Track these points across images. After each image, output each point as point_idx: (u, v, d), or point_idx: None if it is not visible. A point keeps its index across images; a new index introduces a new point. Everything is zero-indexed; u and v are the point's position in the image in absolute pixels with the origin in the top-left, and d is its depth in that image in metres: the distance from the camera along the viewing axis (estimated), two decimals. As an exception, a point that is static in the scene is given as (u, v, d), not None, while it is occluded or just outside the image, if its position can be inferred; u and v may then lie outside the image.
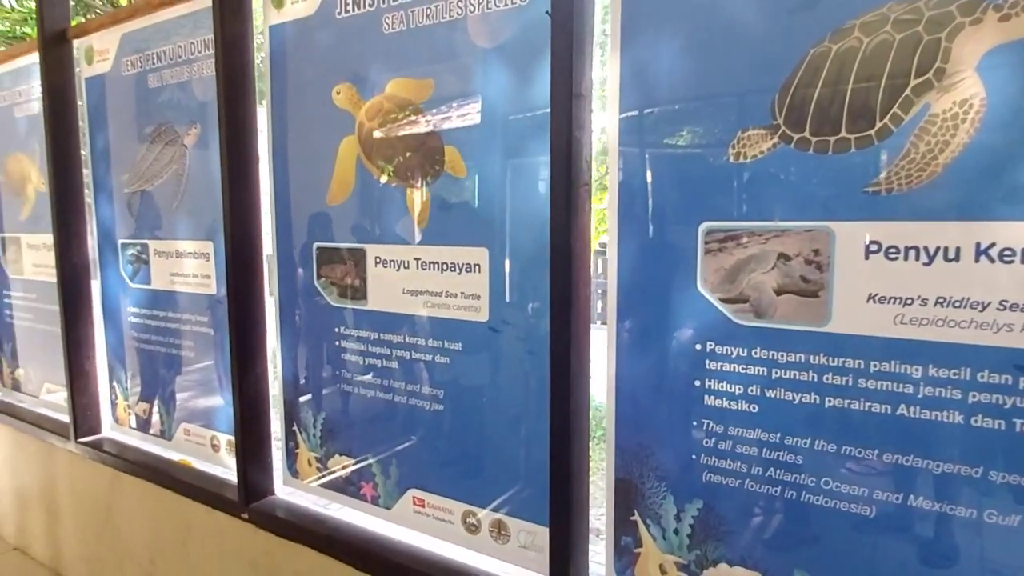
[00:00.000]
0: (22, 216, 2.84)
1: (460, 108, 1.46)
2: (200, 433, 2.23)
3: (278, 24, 1.78)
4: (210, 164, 2.00)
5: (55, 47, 2.40)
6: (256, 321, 1.95)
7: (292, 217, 1.82)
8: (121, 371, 2.48)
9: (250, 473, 1.97)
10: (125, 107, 2.29)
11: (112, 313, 2.47)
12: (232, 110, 1.83)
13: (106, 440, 2.56)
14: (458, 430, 1.58)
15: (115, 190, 2.36)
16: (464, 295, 1.50)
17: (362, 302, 1.69)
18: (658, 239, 1.23)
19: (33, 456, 2.84)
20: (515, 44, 1.37)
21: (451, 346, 1.55)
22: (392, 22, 1.54)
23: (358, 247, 1.67)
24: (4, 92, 2.83)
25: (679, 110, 1.20)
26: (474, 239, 1.47)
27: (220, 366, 2.14)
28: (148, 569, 2.35)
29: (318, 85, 1.70)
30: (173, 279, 2.22)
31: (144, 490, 2.32)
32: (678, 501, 1.26)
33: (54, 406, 2.83)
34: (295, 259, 1.82)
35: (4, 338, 3.11)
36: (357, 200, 1.67)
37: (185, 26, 2.03)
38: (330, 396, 1.82)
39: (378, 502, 1.74)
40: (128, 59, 2.23)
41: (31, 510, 2.90)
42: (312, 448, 1.87)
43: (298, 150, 1.79)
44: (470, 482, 1.58)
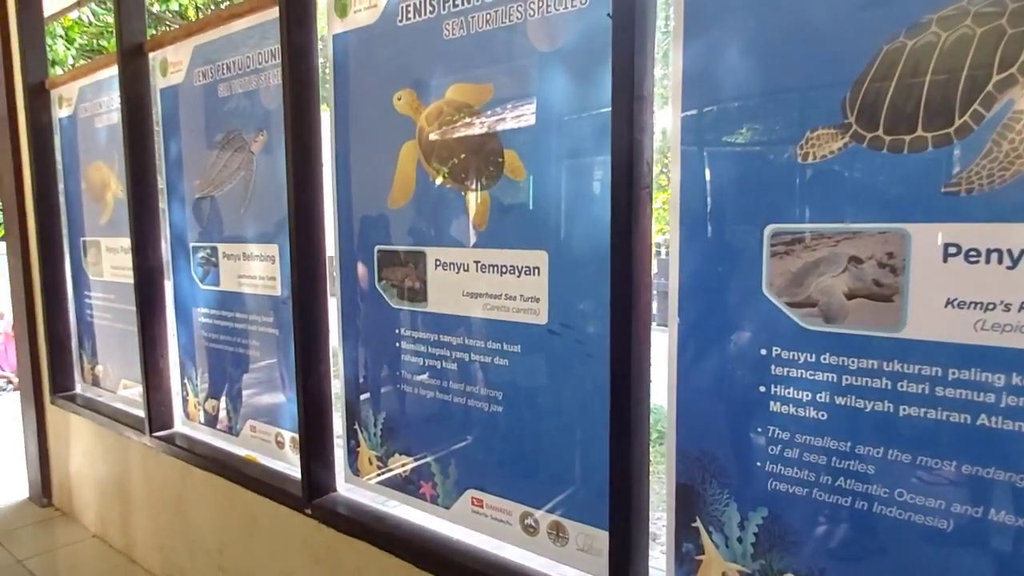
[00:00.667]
0: (102, 221, 3.00)
1: (519, 111, 1.47)
2: (265, 430, 2.30)
3: (341, 33, 1.82)
4: (276, 169, 2.07)
5: (133, 60, 2.52)
6: (319, 322, 2.00)
7: (354, 220, 1.87)
8: (192, 369, 2.59)
9: (313, 470, 2.03)
10: (196, 116, 2.38)
11: (183, 313, 2.58)
12: (297, 117, 1.89)
13: (178, 435, 2.67)
14: (516, 431, 1.58)
15: (187, 195, 2.47)
16: (523, 297, 1.51)
17: (422, 304, 1.72)
18: (721, 241, 1.21)
19: (111, 448, 2.99)
20: (575, 47, 1.37)
21: (510, 348, 1.56)
22: (452, 28, 1.56)
23: (418, 250, 1.70)
24: (86, 104, 2.99)
25: (744, 109, 1.17)
26: (533, 242, 1.48)
27: (284, 365, 2.21)
28: (217, 559, 2.44)
29: (380, 91, 1.74)
30: (240, 281, 2.30)
31: (213, 483, 2.41)
32: (742, 508, 1.23)
33: (130, 401, 2.97)
34: (357, 262, 1.86)
35: (85, 336, 3.28)
36: (417, 203, 1.70)
37: (253, 37, 2.11)
38: (390, 396, 1.85)
39: (437, 501, 1.77)
40: (200, 70, 2.32)
41: (109, 500, 3.05)
42: (373, 447, 1.91)
43: (360, 155, 1.83)
44: (528, 483, 1.58)
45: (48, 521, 3.39)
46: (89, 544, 3.13)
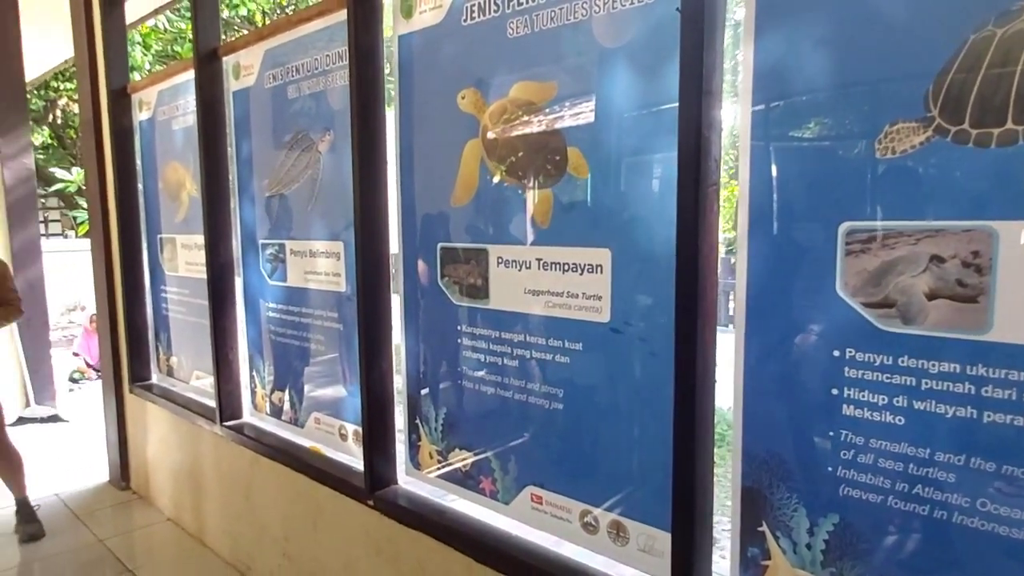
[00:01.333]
0: (177, 219, 3.14)
1: (583, 109, 1.47)
2: (329, 422, 2.37)
3: (406, 34, 1.85)
4: (342, 168, 2.12)
5: (208, 64, 2.63)
6: (382, 318, 2.05)
7: (417, 218, 1.90)
8: (259, 361, 2.68)
9: (376, 462, 2.07)
10: (266, 117, 2.47)
11: (252, 307, 2.68)
12: (363, 117, 1.93)
13: (246, 425, 2.77)
14: (577, 429, 1.58)
15: (256, 194, 2.56)
16: (585, 295, 1.51)
17: (484, 301, 1.73)
18: (792, 239, 1.18)
19: (185, 436, 3.13)
20: (641, 42, 1.36)
21: (571, 346, 1.56)
22: (516, 27, 1.57)
23: (480, 247, 1.72)
24: (164, 107, 3.13)
25: (817, 103, 1.14)
26: (596, 240, 1.47)
27: (348, 360, 2.26)
28: (283, 546, 2.52)
29: (444, 90, 1.76)
30: (307, 277, 2.37)
31: (279, 473, 2.49)
32: (811, 514, 1.20)
33: (202, 391, 3.10)
34: (420, 258, 1.89)
35: (161, 328, 3.44)
36: (480, 201, 1.71)
37: (321, 39, 2.17)
38: (451, 392, 1.88)
39: (496, 497, 1.78)
40: (270, 72, 2.40)
41: (182, 485, 3.19)
42: (433, 441, 1.94)
43: (424, 154, 1.86)
44: (588, 481, 1.58)
45: (126, 504, 3.57)
46: (164, 527, 3.28)
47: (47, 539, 3.15)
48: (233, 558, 2.85)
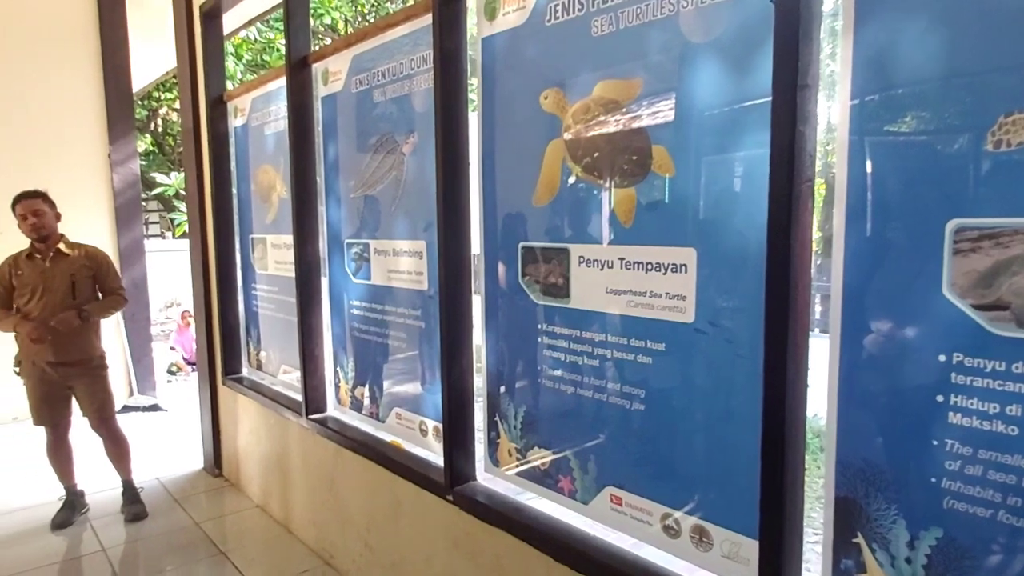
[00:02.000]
0: (268, 219, 3.29)
1: (669, 106, 1.45)
2: (410, 418, 2.42)
3: (489, 36, 1.88)
4: (425, 170, 2.17)
5: (299, 71, 2.74)
6: (464, 316, 2.08)
7: (498, 218, 1.92)
8: (343, 357, 2.78)
9: (455, 458, 2.11)
10: (353, 121, 2.55)
11: (337, 305, 2.77)
12: (447, 119, 1.97)
13: (330, 418, 2.87)
14: (659, 431, 1.56)
15: (342, 195, 2.65)
16: (669, 295, 1.49)
17: (565, 300, 1.73)
18: (893, 237, 1.12)
19: (273, 428, 3.27)
20: (731, 36, 1.33)
21: (654, 346, 1.54)
22: (601, 25, 1.56)
23: (562, 247, 1.72)
24: (257, 113, 3.29)
25: (922, 94, 1.08)
26: (681, 239, 1.45)
27: (429, 357, 2.31)
28: (364, 536, 2.60)
29: (526, 91, 1.77)
30: (390, 275, 2.43)
31: (362, 465, 2.57)
32: (911, 527, 1.14)
33: (289, 385, 3.24)
34: (501, 258, 1.91)
35: (251, 324, 3.61)
36: (562, 201, 1.71)
37: (406, 44, 2.22)
38: (531, 390, 1.89)
39: (575, 496, 1.78)
40: (357, 78, 2.48)
41: (271, 474, 3.34)
42: (512, 439, 1.96)
43: (505, 154, 1.88)
44: (670, 484, 1.55)
45: (218, 490, 3.77)
46: (253, 513, 3.44)
47: (149, 519, 3.36)
48: (317, 546, 2.96)
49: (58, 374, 3.18)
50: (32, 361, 3.16)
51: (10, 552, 3.05)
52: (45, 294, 3.12)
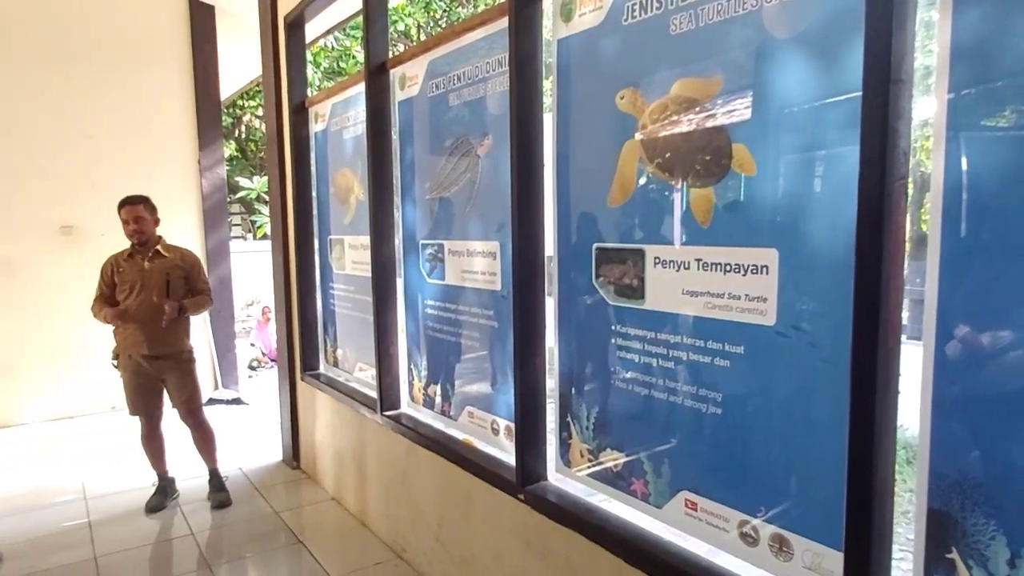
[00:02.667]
0: (345, 221, 3.39)
1: (750, 104, 1.42)
2: (482, 416, 2.45)
3: (565, 37, 1.88)
4: (499, 171, 2.20)
5: (377, 77, 2.82)
6: (536, 317, 2.09)
7: (572, 219, 1.92)
8: (417, 355, 2.84)
9: (527, 458, 2.12)
10: (429, 124, 2.61)
11: (411, 304, 2.84)
12: (522, 121, 1.99)
13: (404, 415, 2.94)
14: (736, 435, 1.53)
15: (418, 197, 2.71)
16: (749, 297, 1.45)
17: (639, 301, 1.72)
18: (994, 238, 1.06)
19: (349, 423, 3.38)
20: (817, 30, 1.29)
21: (732, 349, 1.51)
22: (680, 22, 1.55)
23: (637, 247, 1.71)
24: (336, 118, 3.40)
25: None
26: (762, 239, 1.41)
27: (501, 357, 2.33)
28: (436, 531, 2.65)
29: (602, 91, 1.77)
30: (463, 276, 2.47)
31: (434, 462, 2.62)
32: (1013, 544, 1.08)
33: (364, 382, 3.33)
34: (575, 259, 1.91)
35: (328, 323, 3.74)
36: (637, 201, 1.70)
37: (481, 48, 2.26)
38: (604, 391, 1.88)
39: (648, 499, 1.76)
40: (433, 82, 2.54)
41: (346, 468, 3.45)
42: (584, 440, 1.95)
43: (580, 155, 1.88)
44: (748, 490, 1.52)
45: (296, 482, 3.92)
46: (328, 505, 3.56)
47: (233, 507, 3.53)
48: (390, 539, 3.03)
49: (151, 367, 3.38)
50: (128, 355, 3.37)
51: (110, 532, 3.27)
52: (142, 291, 3.32)
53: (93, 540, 3.19)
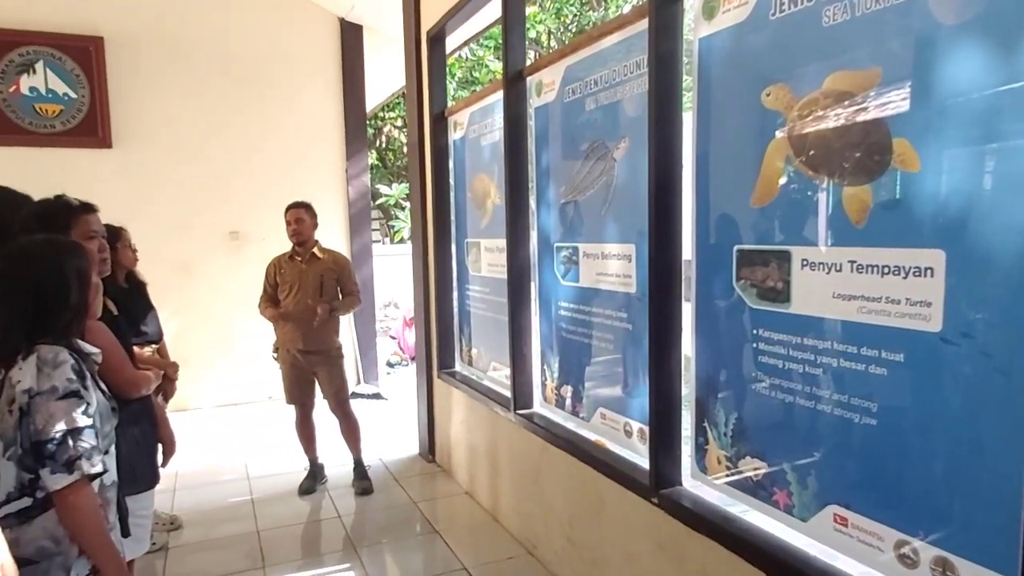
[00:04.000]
0: (482, 225, 3.52)
1: (913, 95, 1.33)
2: (614, 418, 2.46)
3: (707, 36, 1.85)
4: (636, 174, 2.20)
5: (514, 85, 2.91)
6: (672, 319, 2.07)
7: (712, 220, 1.88)
8: (550, 356, 2.88)
9: (661, 462, 2.10)
10: (565, 129, 2.65)
11: (545, 306, 2.89)
12: (661, 122, 1.98)
13: (536, 414, 3.00)
14: (894, 449, 1.43)
15: (553, 201, 2.76)
16: (909, 301, 1.36)
17: (784, 305, 1.66)
18: None
19: (482, 420, 3.49)
20: (994, 13, 1.19)
21: (889, 356, 1.42)
22: (834, 13, 1.48)
23: (782, 249, 1.65)
24: (474, 125, 3.54)
25: None
26: (926, 240, 1.32)
27: (635, 359, 2.33)
28: (567, 531, 2.68)
29: (746, 89, 1.73)
30: (598, 278, 2.49)
31: (566, 462, 2.65)
32: None
33: (498, 381, 3.43)
34: (714, 261, 1.87)
35: (464, 323, 3.89)
36: (784, 201, 1.64)
37: (619, 52, 2.27)
38: (743, 397, 1.83)
39: (792, 512, 1.69)
40: (570, 87, 2.58)
41: (479, 464, 3.56)
42: (722, 446, 1.91)
43: (722, 155, 1.84)
44: (906, 508, 1.42)
45: (431, 474, 4.10)
46: (462, 499, 3.69)
47: (374, 494, 3.76)
48: (521, 535, 3.10)
49: (305, 361, 3.68)
50: (286, 349, 3.70)
51: (269, 509, 3.59)
52: (299, 291, 3.63)
53: (255, 515, 3.52)
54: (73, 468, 1.37)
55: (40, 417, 1.37)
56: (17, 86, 4.93)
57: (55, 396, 1.39)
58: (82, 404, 1.42)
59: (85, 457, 1.39)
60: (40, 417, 1.37)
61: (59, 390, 1.39)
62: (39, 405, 1.38)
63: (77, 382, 1.43)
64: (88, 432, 1.41)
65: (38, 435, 1.37)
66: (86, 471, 1.39)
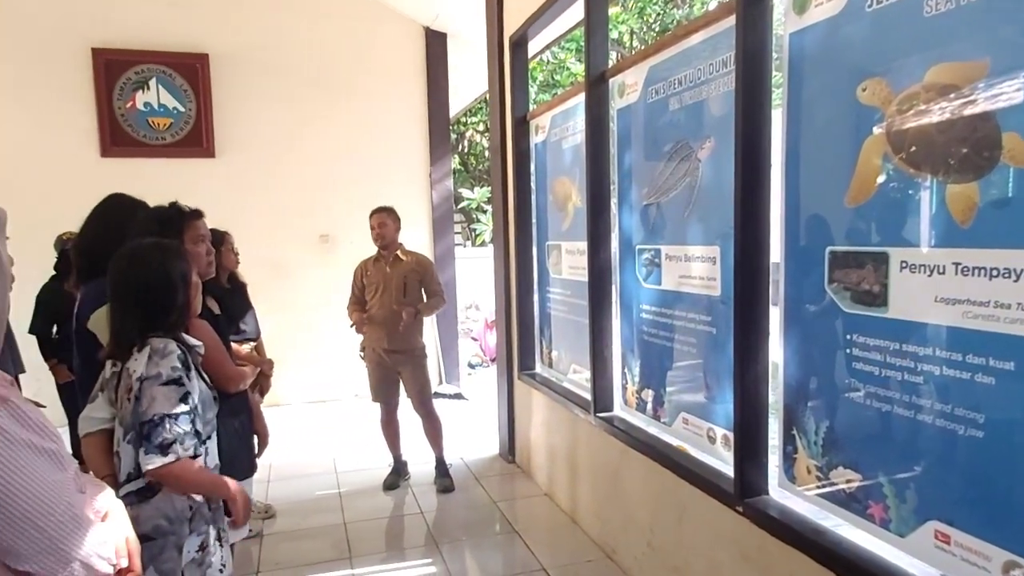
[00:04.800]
0: (563, 227, 3.53)
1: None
2: (697, 424, 2.41)
3: (798, 30, 1.80)
4: (721, 174, 2.15)
5: (596, 87, 2.91)
6: (759, 323, 2.01)
7: (802, 221, 1.82)
8: (631, 359, 2.86)
9: (746, 469, 2.04)
10: (647, 130, 2.63)
11: (627, 309, 2.87)
12: (748, 121, 1.94)
13: (616, 418, 2.98)
14: (1003, 463, 1.34)
15: (634, 203, 2.74)
16: (1021, 306, 1.28)
17: (881, 309, 1.59)
18: None
19: (562, 422, 3.50)
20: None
21: (999, 364, 1.33)
22: (936, 3, 1.40)
23: (879, 250, 1.58)
24: (556, 129, 3.55)
25: None
26: (1041, 240, 1.24)
27: (720, 364, 2.27)
28: (647, 536, 2.65)
29: (840, 84, 1.66)
30: (681, 281, 2.45)
31: (647, 466, 2.62)
32: None
33: (578, 384, 3.43)
34: (804, 263, 1.81)
35: (544, 325, 3.90)
36: (880, 200, 1.57)
37: (705, 50, 2.23)
38: (836, 405, 1.75)
39: (888, 526, 1.61)
40: (653, 88, 2.55)
41: (558, 466, 3.57)
42: (812, 456, 1.84)
43: (813, 153, 1.78)
44: (1017, 527, 1.33)
45: (510, 475, 4.13)
46: (540, 500, 3.71)
47: (455, 492, 3.83)
48: (600, 539, 3.08)
49: (390, 360, 3.80)
50: (372, 348, 3.83)
51: (355, 502, 3.73)
52: (383, 292, 3.75)
53: (342, 508, 3.66)
54: (168, 451, 1.48)
55: (145, 400, 1.50)
56: (133, 102, 5.34)
57: (159, 381, 1.51)
58: (182, 391, 1.53)
59: (179, 441, 1.50)
60: (145, 400, 1.50)
61: (163, 376, 1.51)
62: (145, 389, 1.50)
63: (181, 370, 1.54)
64: (184, 418, 1.52)
65: (140, 416, 1.49)
66: (180, 455, 1.49)
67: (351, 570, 2.98)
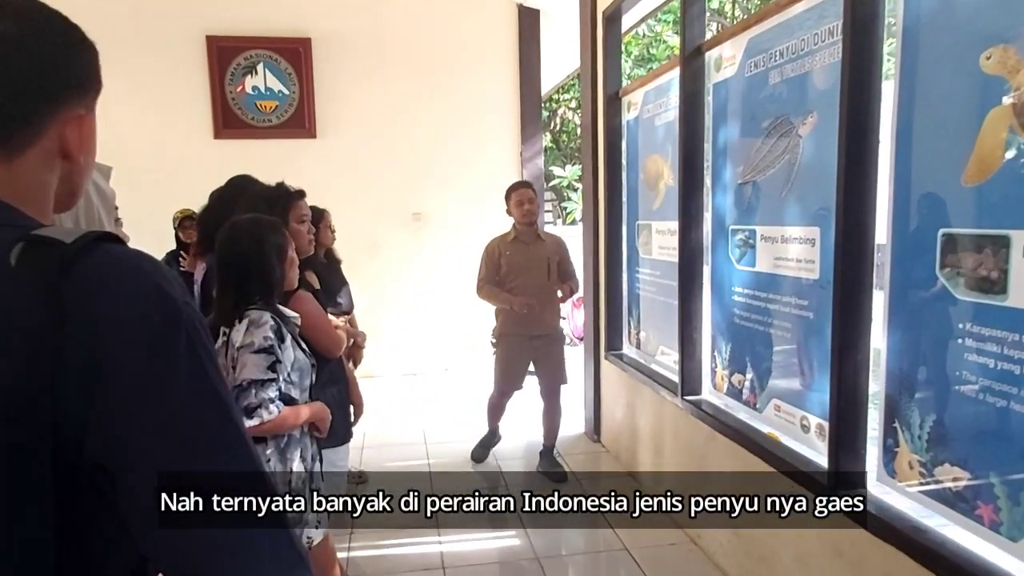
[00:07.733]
0: (654, 207, 3.46)
1: None
2: (790, 411, 2.32)
3: (915, -5, 1.67)
4: (823, 151, 2.04)
5: (692, 61, 2.81)
6: (861, 309, 1.91)
7: (913, 201, 1.70)
8: (721, 343, 2.78)
9: (842, 461, 1.96)
10: (745, 105, 2.52)
11: (718, 291, 2.79)
12: (855, 94, 1.82)
13: (704, 401, 2.92)
14: None
15: (729, 181, 2.64)
16: None
17: (999, 297, 1.46)
18: None
19: (648, 403, 3.46)
20: None
21: None
22: (1078, -41, 1.27)
23: (1000, 233, 1.45)
24: (648, 105, 3.47)
25: None
26: None
27: (816, 350, 2.18)
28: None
29: (960, 52, 1.53)
30: (776, 263, 2.35)
31: (734, 452, 2.56)
32: None
33: (665, 366, 3.38)
34: (913, 246, 1.70)
35: (632, 305, 3.86)
36: (1005, 179, 1.44)
37: (809, 19, 2.11)
38: (944, 397, 1.64)
39: (999, 530, 1.50)
40: (752, 60, 2.44)
41: (644, 447, 3.54)
42: (915, 450, 1.73)
43: (927, 127, 1.66)
44: None
45: (595, 454, 4.14)
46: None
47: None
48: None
49: (531, 345, 3.66)
50: (516, 333, 3.64)
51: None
52: (528, 273, 3.59)
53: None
54: (252, 415, 1.59)
55: (239, 365, 1.61)
56: (243, 86, 5.63)
57: (251, 349, 1.62)
58: (271, 359, 1.63)
59: (264, 407, 1.60)
60: (239, 365, 1.61)
61: (255, 344, 1.62)
62: (240, 356, 1.62)
63: (273, 339, 1.64)
64: (270, 385, 1.62)
65: (234, 381, 1.60)
66: (264, 419, 1.60)
67: (438, 536, 3.09)
